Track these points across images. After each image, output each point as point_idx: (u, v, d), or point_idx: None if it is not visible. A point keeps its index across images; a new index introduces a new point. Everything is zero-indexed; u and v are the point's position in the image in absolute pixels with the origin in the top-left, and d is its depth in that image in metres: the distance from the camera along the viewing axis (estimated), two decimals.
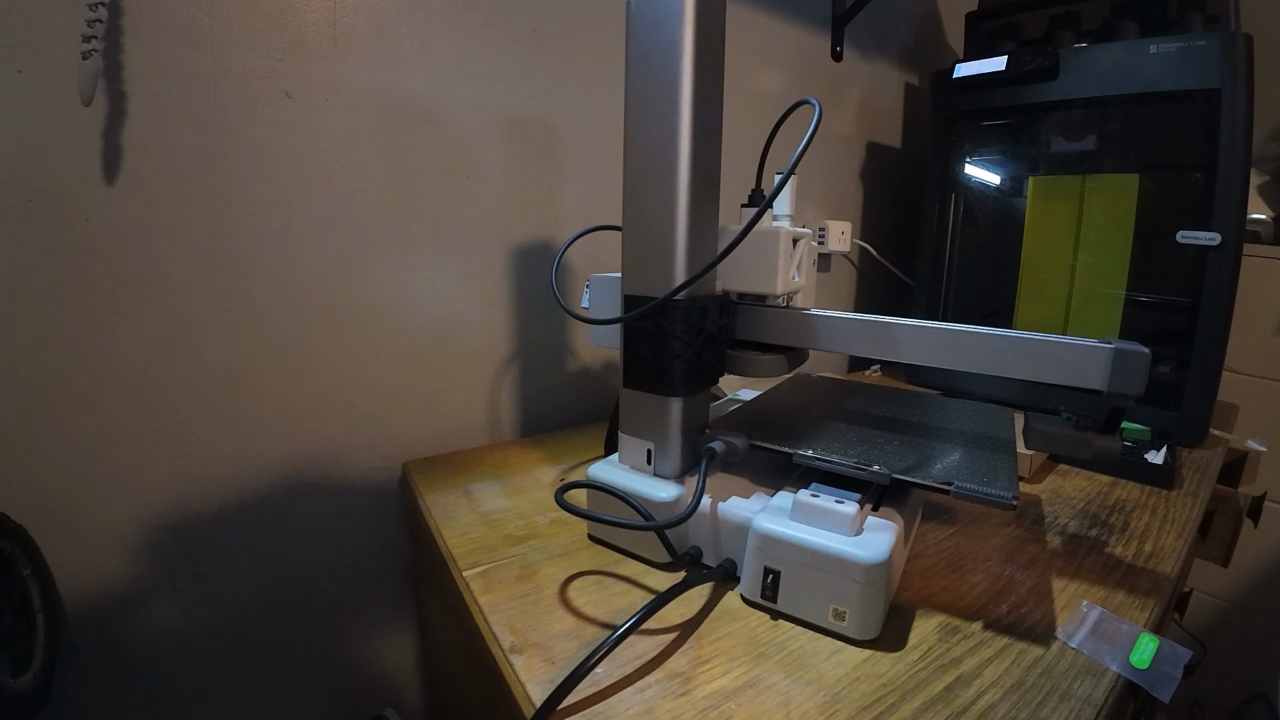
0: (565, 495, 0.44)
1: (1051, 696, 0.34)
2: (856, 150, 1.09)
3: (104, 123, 0.47)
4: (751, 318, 0.50)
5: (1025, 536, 0.52)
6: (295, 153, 0.55)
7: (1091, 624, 0.40)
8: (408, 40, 0.60)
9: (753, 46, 0.88)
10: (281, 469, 0.59)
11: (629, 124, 0.43)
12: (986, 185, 0.92)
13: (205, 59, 0.50)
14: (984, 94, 0.87)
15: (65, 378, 0.49)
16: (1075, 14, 0.86)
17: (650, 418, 0.46)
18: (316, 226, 0.58)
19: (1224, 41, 0.67)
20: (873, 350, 0.45)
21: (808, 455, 0.42)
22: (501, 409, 0.73)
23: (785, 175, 0.42)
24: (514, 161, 0.69)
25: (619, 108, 0.43)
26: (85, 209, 0.48)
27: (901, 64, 1.13)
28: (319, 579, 0.63)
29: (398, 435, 0.65)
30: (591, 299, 0.55)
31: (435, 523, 0.52)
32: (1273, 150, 1.10)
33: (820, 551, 0.37)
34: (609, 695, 0.33)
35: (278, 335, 0.57)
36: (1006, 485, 0.37)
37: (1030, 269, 0.85)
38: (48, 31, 0.45)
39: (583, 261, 0.76)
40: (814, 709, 0.33)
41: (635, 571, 0.45)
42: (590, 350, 0.79)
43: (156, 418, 0.53)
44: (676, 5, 0.39)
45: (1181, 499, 0.61)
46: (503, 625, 0.39)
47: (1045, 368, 0.40)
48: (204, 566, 0.56)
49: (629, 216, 0.44)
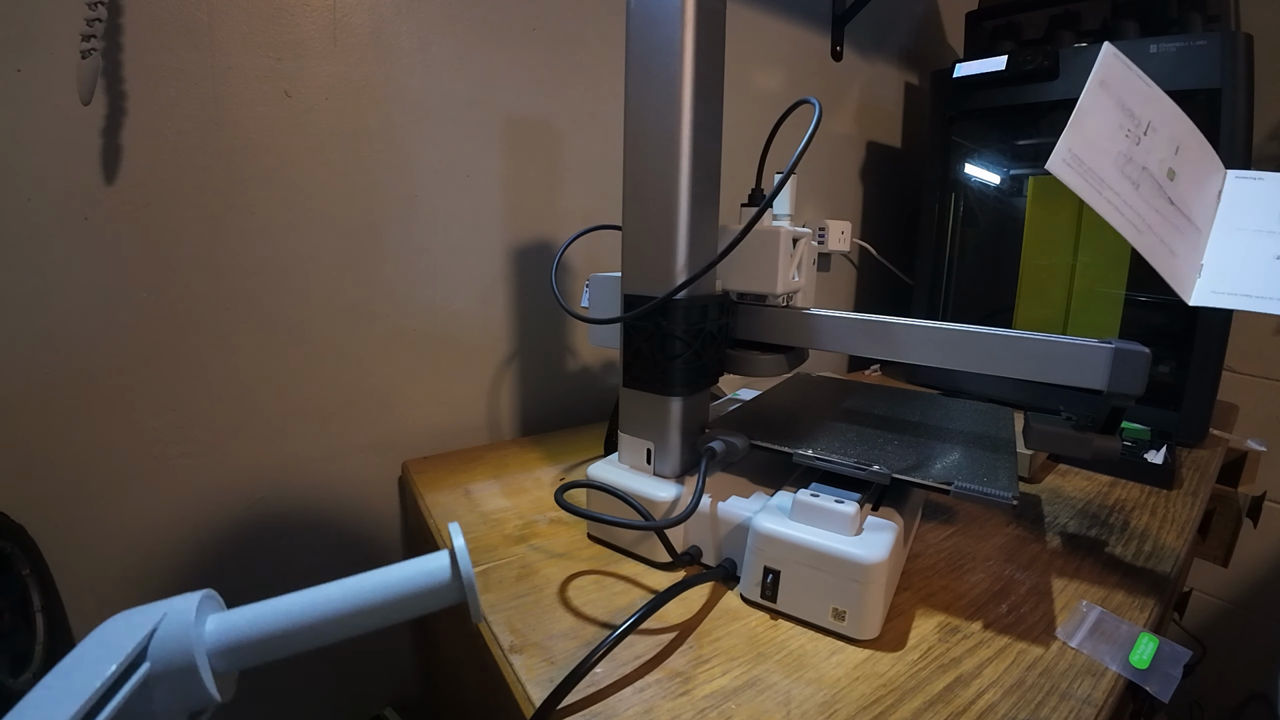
0: (565, 495, 0.44)
1: (1051, 696, 0.34)
2: (856, 150, 1.09)
3: (103, 122, 0.47)
4: (751, 317, 0.50)
5: (1025, 536, 0.52)
6: (295, 152, 0.55)
7: (1091, 624, 0.40)
8: (407, 39, 0.60)
9: (753, 46, 0.88)
10: (281, 468, 0.59)
11: (629, 124, 0.43)
12: (986, 185, 0.92)
13: (205, 58, 0.50)
14: (984, 94, 0.87)
15: (65, 377, 0.48)
16: (1075, 14, 0.86)
17: (650, 417, 0.46)
18: (316, 226, 0.57)
19: (1224, 41, 0.67)
20: (873, 350, 0.45)
21: (807, 455, 0.42)
22: (501, 408, 0.73)
23: (785, 175, 0.42)
24: (514, 161, 0.69)
25: (619, 107, 0.43)
26: (85, 208, 0.47)
27: (901, 63, 1.13)
28: (319, 578, 0.63)
29: (397, 435, 0.65)
30: (591, 299, 0.55)
31: (435, 522, 0.52)
32: (1273, 150, 1.10)
33: (820, 551, 0.37)
34: (609, 695, 0.33)
35: (277, 335, 0.57)
36: (1006, 485, 0.37)
37: (1030, 269, 0.85)
38: (47, 31, 0.44)
39: (583, 261, 0.76)
40: (814, 709, 0.33)
41: (635, 571, 0.45)
42: (590, 350, 0.79)
43: (156, 418, 0.52)
44: (676, 5, 0.39)
45: (1181, 499, 0.61)
46: (502, 625, 0.39)
47: (1045, 368, 0.40)
48: (203, 566, 0.56)
49: (629, 216, 0.44)
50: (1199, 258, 0.42)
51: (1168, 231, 0.41)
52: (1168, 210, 0.41)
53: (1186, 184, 0.43)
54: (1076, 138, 0.38)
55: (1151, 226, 0.40)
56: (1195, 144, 0.44)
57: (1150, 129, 0.41)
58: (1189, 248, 0.42)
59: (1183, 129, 0.44)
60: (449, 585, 0.23)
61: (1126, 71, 0.41)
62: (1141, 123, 0.41)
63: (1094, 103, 0.39)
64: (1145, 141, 0.41)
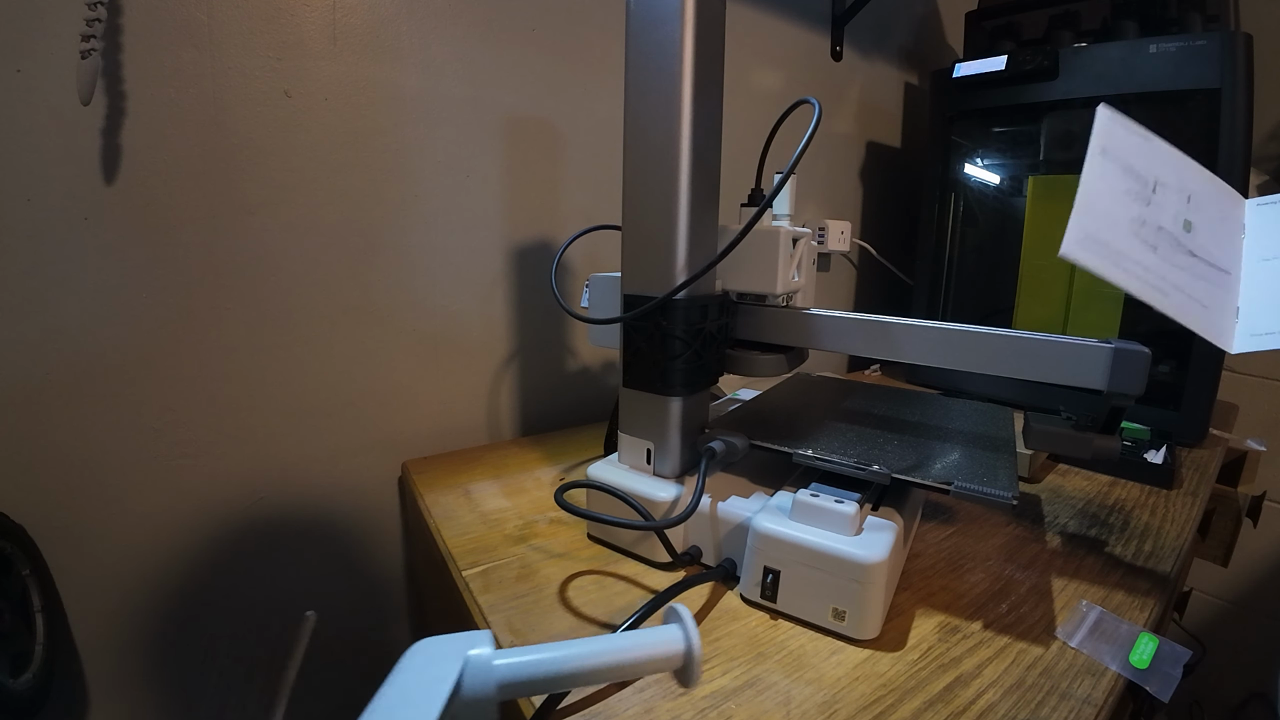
0: (565, 495, 0.44)
1: (1051, 696, 0.34)
2: (856, 150, 1.09)
3: (103, 122, 0.47)
4: (751, 317, 0.50)
5: (1025, 536, 0.52)
6: (294, 152, 0.55)
7: (1091, 624, 0.40)
8: (407, 40, 0.60)
9: (753, 46, 0.88)
10: (281, 469, 0.59)
11: (629, 124, 0.43)
12: (986, 185, 0.92)
13: (204, 58, 0.50)
14: (984, 93, 0.87)
15: (65, 378, 0.48)
16: (1075, 13, 0.86)
17: (650, 417, 0.46)
18: (316, 226, 0.57)
19: (1224, 41, 0.67)
20: (872, 350, 0.45)
21: (807, 455, 0.42)
22: (501, 408, 0.73)
23: (785, 175, 0.42)
24: (513, 161, 0.69)
25: (618, 107, 0.43)
26: (84, 208, 0.47)
27: (901, 63, 1.13)
28: (318, 578, 0.63)
29: (397, 435, 0.65)
30: (591, 298, 0.55)
31: (435, 522, 0.52)
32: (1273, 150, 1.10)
33: (820, 551, 0.37)
34: (609, 695, 0.33)
35: (277, 335, 0.57)
36: (1006, 484, 0.37)
37: (1030, 268, 0.85)
38: (47, 31, 0.44)
39: (582, 261, 0.76)
40: (813, 709, 0.33)
41: (635, 571, 0.45)
42: (590, 350, 0.79)
43: (156, 418, 0.52)
44: (676, 5, 0.39)
45: (1181, 499, 0.61)
46: (502, 625, 0.39)
47: (1045, 368, 0.40)
48: (203, 566, 0.56)
49: (629, 216, 0.44)
50: (1233, 301, 0.41)
51: (1194, 286, 0.39)
52: (1190, 264, 0.40)
53: (1205, 231, 0.41)
54: (1087, 216, 0.37)
55: (1179, 286, 0.39)
56: (1206, 187, 0.43)
57: (1158, 186, 0.40)
58: (1221, 295, 0.41)
59: (1191, 175, 0.42)
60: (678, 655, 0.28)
61: (1125, 132, 0.40)
62: (1149, 181, 0.40)
63: (1098, 173, 0.38)
64: (1156, 200, 0.40)
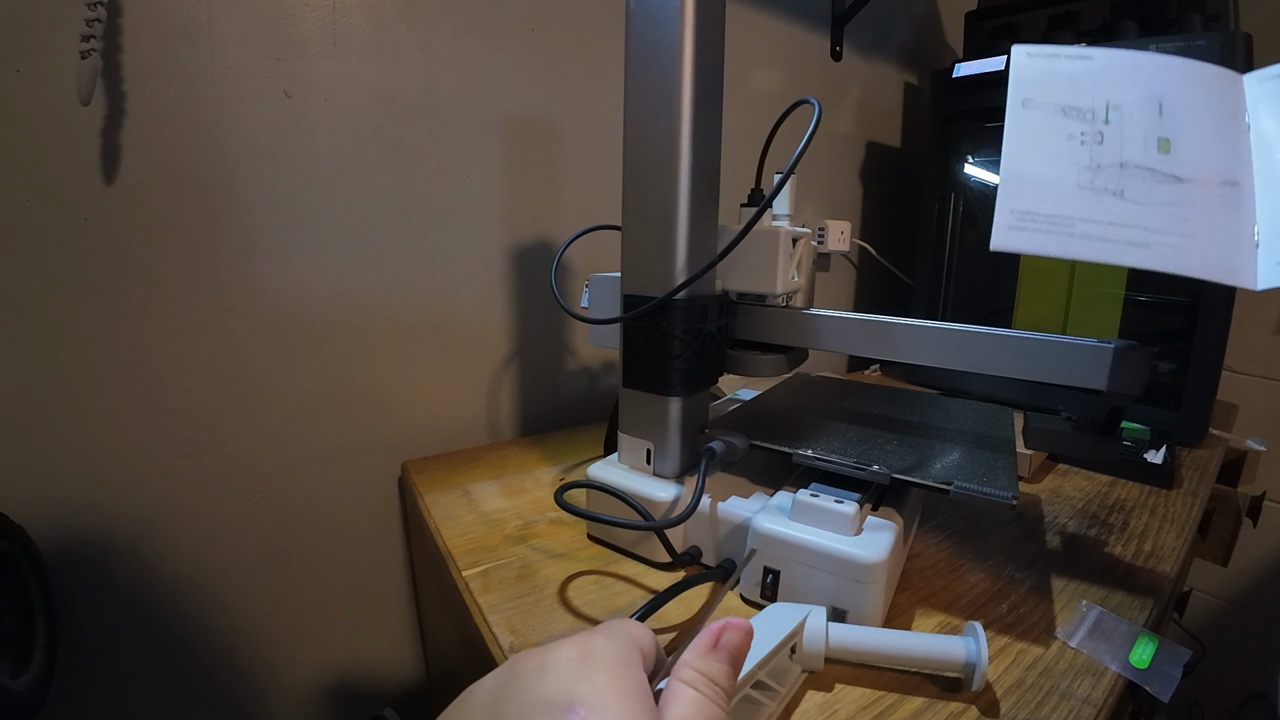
0: (565, 495, 0.44)
1: (1051, 696, 0.34)
2: (856, 150, 1.09)
3: (103, 122, 0.47)
4: (751, 317, 0.50)
5: (1025, 536, 0.52)
6: (294, 152, 0.55)
7: (1091, 623, 0.40)
8: (407, 40, 0.60)
9: (753, 46, 0.88)
10: (281, 469, 0.59)
11: (629, 123, 0.43)
12: (986, 185, 0.92)
13: (204, 58, 0.50)
14: (984, 94, 0.87)
15: (65, 378, 0.48)
16: (1075, 14, 0.86)
17: (650, 417, 0.46)
18: (315, 226, 0.57)
19: (1223, 41, 0.67)
20: (872, 350, 0.45)
21: (807, 455, 0.42)
22: (501, 409, 0.73)
23: (785, 175, 0.42)
24: (513, 161, 0.69)
25: (618, 107, 0.43)
26: (84, 208, 0.47)
27: (901, 64, 1.13)
28: (318, 579, 0.63)
29: (397, 435, 0.65)
30: (591, 299, 0.55)
31: (435, 523, 0.52)
32: None
33: (820, 551, 0.37)
34: None
35: (277, 335, 0.57)
36: (1006, 485, 0.37)
37: (1030, 268, 0.85)
38: (47, 31, 0.44)
39: (582, 261, 0.76)
40: (813, 708, 0.33)
41: (635, 571, 0.45)
42: (590, 350, 0.79)
43: (156, 418, 0.52)
44: (676, 5, 0.39)
45: (1181, 498, 0.61)
46: (502, 625, 0.39)
47: (1045, 368, 0.40)
48: (203, 565, 0.56)
49: (629, 216, 0.44)
50: (1248, 221, 0.31)
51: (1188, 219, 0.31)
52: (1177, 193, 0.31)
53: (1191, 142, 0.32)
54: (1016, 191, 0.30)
55: (1164, 229, 0.31)
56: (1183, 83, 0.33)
57: (1111, 109, 0.32)
58: (1229, 219, 0.32)
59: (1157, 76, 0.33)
60: (965, 663, 0.34)
61: (1051, 65, 0.33)
62: (1096, 112, 0.32)
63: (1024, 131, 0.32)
64: (1110, 129, 0.32)
